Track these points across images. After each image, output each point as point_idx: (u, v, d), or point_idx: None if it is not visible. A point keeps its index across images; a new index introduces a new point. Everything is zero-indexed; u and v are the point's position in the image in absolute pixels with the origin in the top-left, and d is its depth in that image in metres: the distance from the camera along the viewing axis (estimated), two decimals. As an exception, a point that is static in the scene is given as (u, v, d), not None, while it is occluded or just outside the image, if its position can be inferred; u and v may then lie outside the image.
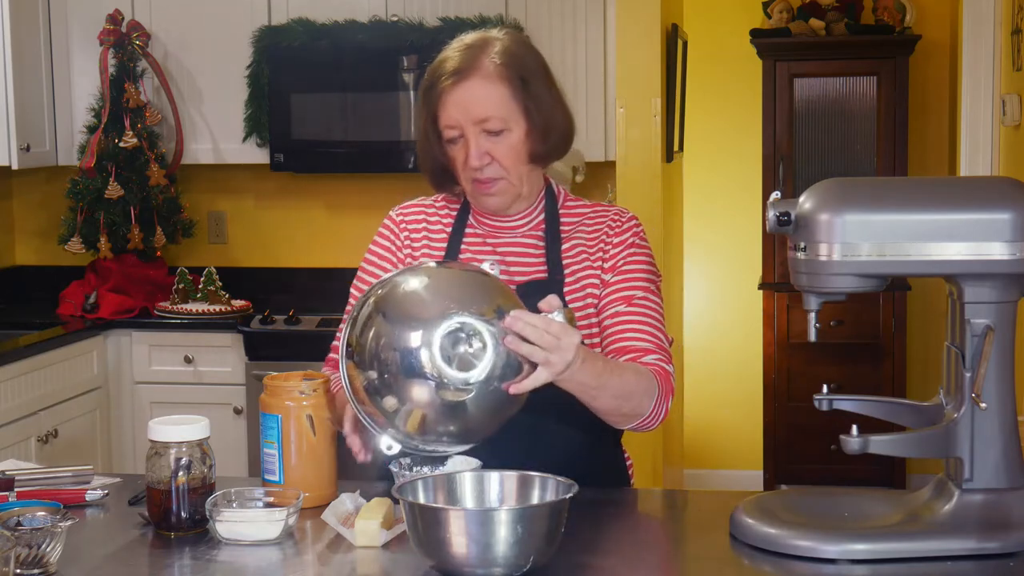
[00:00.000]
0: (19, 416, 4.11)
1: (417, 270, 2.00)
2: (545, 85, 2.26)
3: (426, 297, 1.92)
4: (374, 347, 1.89)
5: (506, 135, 2.21)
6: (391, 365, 1.87)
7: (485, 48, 2.22)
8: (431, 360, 1.85)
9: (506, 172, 2.22)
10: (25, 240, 5.29)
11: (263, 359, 4.51)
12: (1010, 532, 1.81)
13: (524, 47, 2.28)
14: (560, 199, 2.35)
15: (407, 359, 1.86)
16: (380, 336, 1.89)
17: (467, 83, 2.19)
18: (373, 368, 1.89)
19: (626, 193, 4.41)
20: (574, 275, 2.28)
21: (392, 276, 1.99)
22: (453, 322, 1.86)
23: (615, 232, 2.31)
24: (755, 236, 5.82)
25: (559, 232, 2.31)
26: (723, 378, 5.96)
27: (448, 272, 2.02)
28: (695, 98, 5.61)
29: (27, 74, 4.66)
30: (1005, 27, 4.31)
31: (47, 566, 1.79)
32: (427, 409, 1.88)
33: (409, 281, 1.95)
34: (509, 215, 2.31)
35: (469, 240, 2.32)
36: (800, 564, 1.80)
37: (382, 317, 1.90)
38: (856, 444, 1.83)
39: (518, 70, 2.22)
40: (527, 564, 1.72)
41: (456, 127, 2.21)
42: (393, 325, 1.89)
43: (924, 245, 1.79)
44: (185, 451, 1.97)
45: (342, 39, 4.70)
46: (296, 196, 5.16)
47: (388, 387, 1.88)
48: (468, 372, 1.86)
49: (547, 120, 2.24)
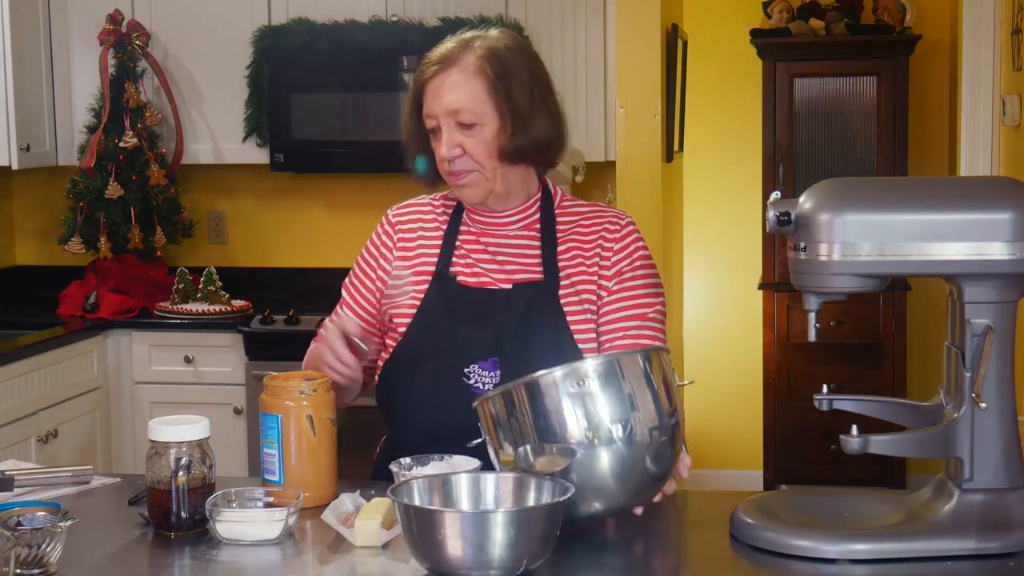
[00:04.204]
0: (19, 416, 4.11)
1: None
2: (526, 87, 2.25)
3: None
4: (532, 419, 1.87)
5: (478, 129, 2.22)
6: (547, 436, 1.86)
7: (471, 44, 2.26)
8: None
9: (478, 166, 2.24)
10: (25, 240, 5.29)
11: (263, 359, 4.51)
12: (1010, 532, 1.81)
13: (514, 48, 2.28)
14: (557, 199, 2.36)
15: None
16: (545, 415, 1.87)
17: (445, 74, 2.23)
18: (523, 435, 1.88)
19: (626, 193, 4.40)
20: (568, 278, 2.28)
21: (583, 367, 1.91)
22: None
23: (614, 237, 2.31)
24: (755, 236, 5.82)
25: (555, 233, 2.31)
26: (723, 378, 5.96)
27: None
28: (695, 98, 5.62)
29: (27, 74, 4.66)
30: (1005, 27, 4.31)
31: (47, 566, 1.79)
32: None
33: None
34: (500, 211, 2.32)
35: (463, 238, 2.33)
36: (800, 564, 1.80)
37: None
38: (856, 444, 1.83)
39: (497, 67, 2.23)
40: (522, 567, 1.72)
41: (433, 117, 2.25)
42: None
43: (924, 245, 1.79)
44: (185, 451, 1.97)
45: (342, 39, 4.70)
46: (296, 196, 5.16)
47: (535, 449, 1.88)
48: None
49: (523, 121, 2.24)
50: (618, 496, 1.88)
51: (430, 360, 2.25)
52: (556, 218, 2.33)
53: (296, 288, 5.07)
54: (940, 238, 1.79)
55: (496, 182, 2.27)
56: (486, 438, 1.94)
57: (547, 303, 2.26)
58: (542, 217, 2.33)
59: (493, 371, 2.22)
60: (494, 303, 2.26)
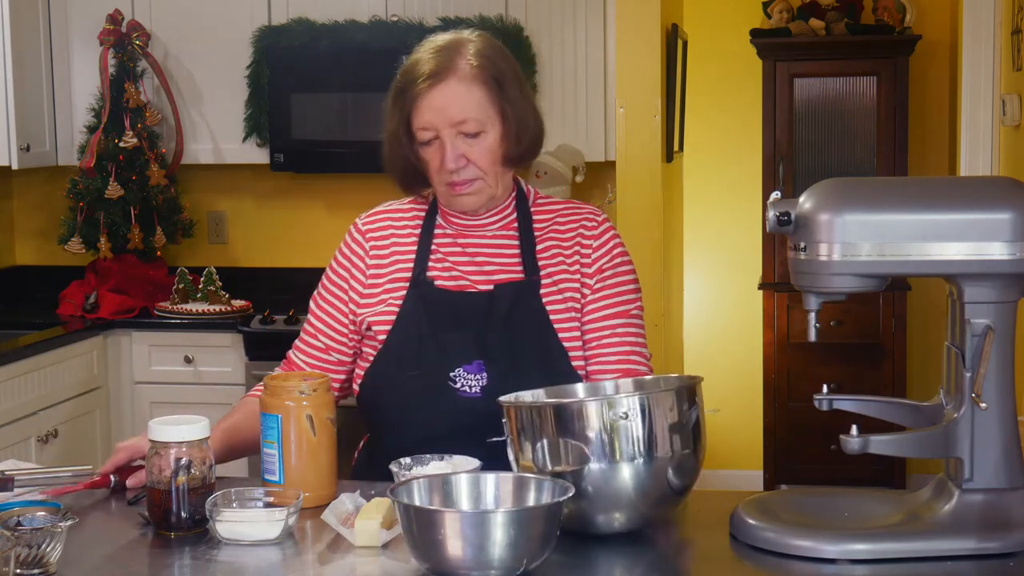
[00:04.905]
0: (19, 416, 4.11)
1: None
2: (518, 87, 2.27)
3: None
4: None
5: (482, 137, 2.21)
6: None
7: (460, 50, 2.23)
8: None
9: (483, 173, 2.23)
10: (25, 240, 5.29)
11: (263, 359, 4.51)
12: (1010, 532, 1.81)
13: (497, 50, 2.28)
14: (531, 197, 2.36)
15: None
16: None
17: (443, 85, 2.19)
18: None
19: (626, 193, 4.41)
20: (550, 276, 2.28)
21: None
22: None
23: (592, 235, 2.31)
24: (755, 236, 5.82)
25: (533, 232, 2.31)
26: (723, 378, 5.96)
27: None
28: (695, 98, 5.62)
29: (27, 74, 4.66)
30: (1005, 27, 4.31)
31: (47, 566, 1.79)
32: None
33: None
34: (478, 213, 2.31)
35: (439, 240, 2.32)
36: (800, 564, 1.80)
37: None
38: (856, 444, 1.83)
39: (493, 72, 2.22)
40: (522, 567, 1.71)
41: (431, 129, 2.21)
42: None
43: (924, 245, 1.79)
44: (185, 451, 1.97)
45: (342, 39, 4.70)
46: (296, 196, 5.16)
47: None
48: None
49: (521, 122, 2.25)
50: (639, 510, 1.88)
51: (412, 366, 2.24)
52: (532, 216, 2.33)
53: (296, 288, 5.05)
54: (940, 238, 1.79)
55: (497, 187, 2.27)
56: (508, 439, 1.93)
57: (530, 302, 2.26)
58: (519, 216, 2.33)
59: (479, 374, 2.22)
60: (475, 306, 2.26)
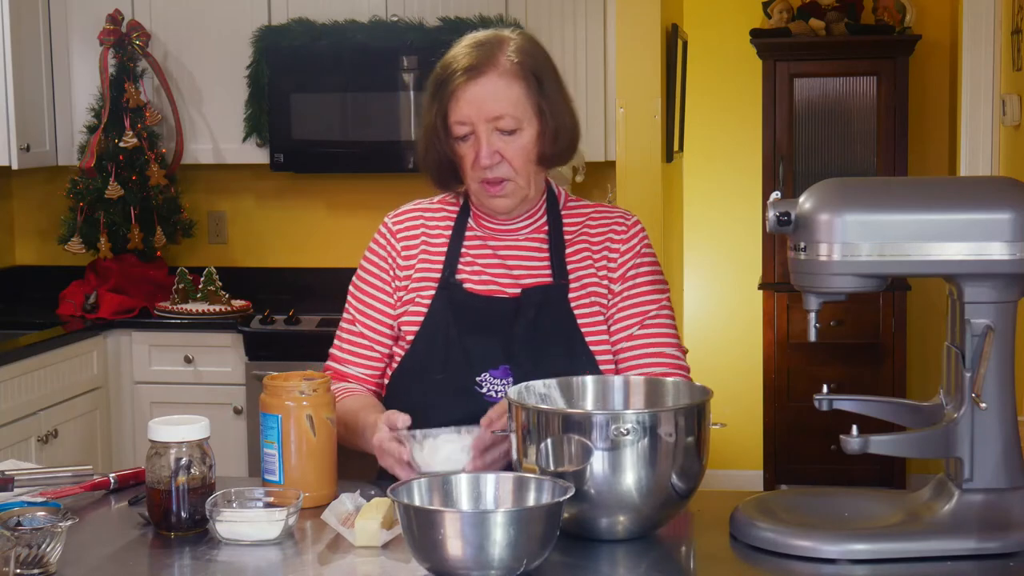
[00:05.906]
0: (19, 416, 4.11)
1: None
2: (557, 86, 2.25)
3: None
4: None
5: (518, 135, 2.19)
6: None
7: (501, 46, 2.21)
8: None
9: (515, 173, 2.20)
10: (25, 240, 5.29)
11: (263, 359, 4.51)
12: (1010, 532, 1.81)
13: (537, 47, 2.27)
14: (561, 200, 2.34)
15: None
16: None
17: (482, 80, 2.17)
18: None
19: (626, 193, 4.41)
20: (579, 280, 2.27)
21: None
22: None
23: (621, 238, 2.30)
24: (755, 236, 5.82)
25: (563, 235, 2.30)
26: (723, 378, 5.96)
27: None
28: (695, 98, 5.62)
29: (27, 74, 4.66)
30: (1005, 27, 4.31)
31: (47, 566, 1.79)
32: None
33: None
34: (511, 217, 2.30)
35: (469, 243, 2.30)
36: (800, 564, 1.80)
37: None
38: (856, 444, 1.83)
39: (533, 69, 2.20)
40: (522, 567, 1.71)
41: (467, 123, 2.18)
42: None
43: (924, 245, 1.79)
44: (185, 451, 1.97)
45: (342, 39, 4.70)
46: (296, 196, 5.16)
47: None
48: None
49: (558, 122, 2.23)
50: (643, 512, 1.88)
51: (438, 370, 2.23)
52: (563, 219, 2.32)
53: (296, 288, 5.07)
54: (940, 238, 1.79)
55: (530, 188, 2.25)
56: (512, 435, 1.93)
57: (558, 307, 2.24)
58: (549, 220, 2.31)
59: (505, 379, 2.21)
60: (503, 311, 2.24)
